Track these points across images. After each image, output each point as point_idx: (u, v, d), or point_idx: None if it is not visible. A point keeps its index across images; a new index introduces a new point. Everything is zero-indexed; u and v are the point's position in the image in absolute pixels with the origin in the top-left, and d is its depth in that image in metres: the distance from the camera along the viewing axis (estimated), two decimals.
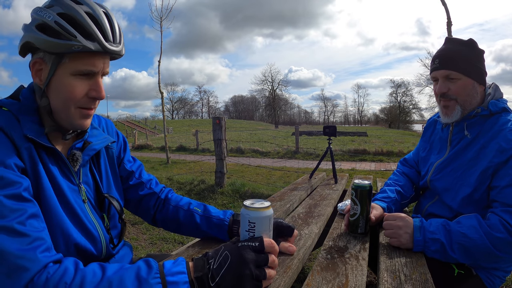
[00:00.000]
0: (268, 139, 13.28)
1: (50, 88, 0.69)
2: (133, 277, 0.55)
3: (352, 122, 69.58)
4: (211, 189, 4.41)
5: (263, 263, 0.63)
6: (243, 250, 0.62)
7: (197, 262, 0.61)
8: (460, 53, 1.07)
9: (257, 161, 8.40)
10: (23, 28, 0.69)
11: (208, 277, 0.59)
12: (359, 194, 1.01)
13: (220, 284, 0.58)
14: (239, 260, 0.60)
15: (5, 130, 0.64)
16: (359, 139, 14.10)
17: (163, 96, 8.61)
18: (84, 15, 0.66)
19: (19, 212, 0.57)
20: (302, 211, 1.30)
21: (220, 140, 4.35)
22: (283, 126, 50.62)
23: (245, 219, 0.67)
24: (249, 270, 0.60)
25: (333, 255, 0.88)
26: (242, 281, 0.59)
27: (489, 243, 0.89)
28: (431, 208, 1.20)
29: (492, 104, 1.05)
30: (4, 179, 0.58)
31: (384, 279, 0.77)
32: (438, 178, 1.16)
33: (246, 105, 73.69)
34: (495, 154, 0.98)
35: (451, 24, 4.24)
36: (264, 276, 0.62)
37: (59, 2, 0.67)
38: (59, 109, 0.70)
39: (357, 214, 1.02)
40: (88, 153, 0.78)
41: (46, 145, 0.68)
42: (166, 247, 2.69)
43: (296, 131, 10.42)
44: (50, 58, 0.67)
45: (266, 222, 0.67)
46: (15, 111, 0.68)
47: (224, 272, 0.59)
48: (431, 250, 0.93)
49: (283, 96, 70.70)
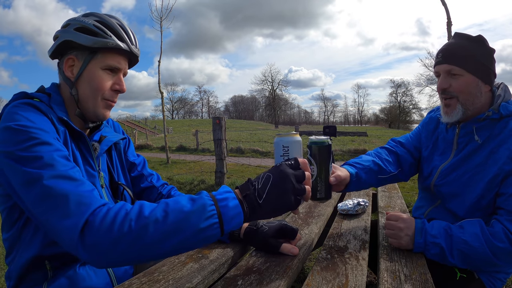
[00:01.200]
0: (268, 139, 13.27)
1: (80, 80, 0.81)
2: (186, 198, 0.61)
3: (352, 122, 69.60)
4: (211, 189, 4.39)
5: (301, 178, 0.66)
6: (282, 167, 0.66)
7: (242, 186, 0.65)
8: (465, 48, 0.99)
9: (257, 161, 8.40)
10: (58, 33, 0.82)
11: (255, 195, 0.63)
12: (316, 151, 0.86)
13: (267, 200, 0.62)
14: (281, 176, 0.64)
15: (47, 114, 0.74)
16: (359, 139, 14.10)
17: (163, 96, 8.61)
18: (115, 23, 0.83)
19: (70, 165, 0.67)
20: (302, 211, 1.30)
21: (220, 140, 4.35)
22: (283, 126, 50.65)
23: (279, 146, 0.74)
24: (291, 184, 0.64)
25: (333, 255, 0.88)
26: (286, 195, 0.63)
27: (489, 251, 0.87)
28: (433, 213, 1.17)
29: (503, 107, 0.98)
30: (54, 145, 0.68)
31: (384, 279, 0.77)
32: (443, 184, 1.10)
33: (246, 105, 73.71)
34: (505, 161, 0.93)
35: (451, 24, 4.24)
36: (304, 190, 0.66)
37: (94, 14, 0.84)
38: (87, 98, 0.82)
39: (314, 176, 0.86)
40: (106, 144, 0.90)
41: (76, 129, 0.79)
42: None
43: (296, 131, 10.40)
44: (83, 55, 0.81)
45: (297, 146, 0.75)
46: (46, 101, 0.79)
47: (269, 188, 0.63)
48: (430, 253, 0.91)
49: (283, 96, 70.79)
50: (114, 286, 0.83)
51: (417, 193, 1.42)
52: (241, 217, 0.61)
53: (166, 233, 0.57)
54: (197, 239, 0.59)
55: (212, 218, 0.59)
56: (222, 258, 0.82)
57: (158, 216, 0.57)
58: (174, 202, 0.60)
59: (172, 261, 0.79)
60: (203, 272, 0.74)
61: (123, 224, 0.56)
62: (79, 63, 0.81)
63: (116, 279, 0.84)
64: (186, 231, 0.57)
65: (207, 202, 0.59)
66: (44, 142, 0.66)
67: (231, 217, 0.60)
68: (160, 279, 0.69)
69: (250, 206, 0.62)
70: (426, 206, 1.21)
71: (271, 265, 0.78)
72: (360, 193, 1.69)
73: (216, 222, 0.59)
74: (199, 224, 0.58)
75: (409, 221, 0.94)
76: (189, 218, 0.58)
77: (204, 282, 0.72)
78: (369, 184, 1.14)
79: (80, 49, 0.80)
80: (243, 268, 0.77)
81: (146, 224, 0.56)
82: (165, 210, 0.58)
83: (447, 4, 4.29)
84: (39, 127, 0.69)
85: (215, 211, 0.59)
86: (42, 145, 0.66)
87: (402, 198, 1.61)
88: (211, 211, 0.59)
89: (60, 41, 0.81)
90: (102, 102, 0.83)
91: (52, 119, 0.74)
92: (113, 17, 0.85)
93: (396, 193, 1.71)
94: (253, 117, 70.31)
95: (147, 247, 0.57)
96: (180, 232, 0.57)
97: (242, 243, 0.91)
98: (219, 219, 0.59)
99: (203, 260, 0.80)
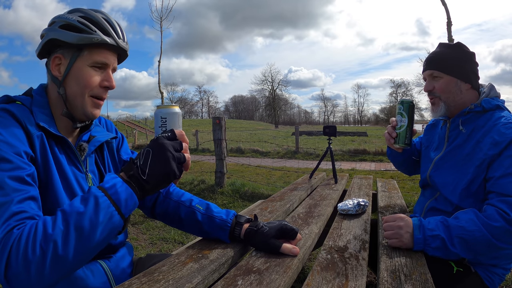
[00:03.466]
0: (268, 139, 13.27)
1: (68, 79, 0.79)
2: (79, 200, 0.62)
3: (352, 122, 69.58)
4: (211, 189, 4.41)
5: (179, 148, 0.70)
6: (159, 140, 0.68)
7: (125, 167, 0.68)
8: (444, 54, 1.17)
9: (257, 161, 8.40)
10: (44, 31, 0.80)
11: (139, 173, 0.66)
12: (407, 107, 1.17)
13: (151, 174, 0.66)
14: (159, 149, 0.67)
15: (20, 119, 0.72)
16: (359, 139, 14.10)
17: (163, 96, 8.63)
18: (100, 18, 0.81)
19: (20, 192, 0.63)
20: (302, 211, 1.30)
21: (220, 140, 4.35)
22: (283, 126, 50.63)
23: (158, 117, 0.75)
24: (170, 153, 0.67)
25: (333, 255, 0.88)
26: (168, 163, 0.66)
27: (488, 233, 0.91)
28: (432, 203, 1.23)
29: (485, 102, 1.11)
30: (12, 163, 0.65)
31: (384, 279, 0.77)
32: (437, 173, 1.21)
33: (246, 105, 73.69)
34: (489, 147, 1.03)
35: (451, 24, 4.24)
36: (184, 158, 0.69)
37: (79, 9, 0.81)
38: (75, 96, 0.80)
39: (405, 126, 1.17)
40: (94, 144, 0.87)
41: (56, 134, 0.76)
42: (166, 247, 2.69)
43: (296, 131, 10.42)
44: (70, 52, 0.79)
45: (175, 117, 0.76)
46: (28, 104, 0.77)
47: (150, 162, 0.66)
48: (431, 248, 0.93)
49: (283, 96, 70.73)
50: (112, 285, 0.82)
51: (417, 193, 1.47)
52: (134, 197, 0.65)
53: (75, 240, 0.58)
54: (106, 233, 0.61)
55: (108, 208, 0.61)
56: (222, 258, 0.81)
57: (62, 228, 0.58)
58: (69, 207, 0.61)
59: (172, 261, 0.79)
60: (203, 272, 0.73)
61: (35, 248, 0.56)
62: (66, 61, 0.79)
63: (114, 279, 0.84)
64: (92, 230, 0.59)
65: (97, 195, 0.62)
66: (2, 158, 0.64)
67: (125, 199, 0.63)
68: (160, 279, 0.69)
69: (137, 184, 0.66)
70: (426, 200, 1.28)
71: (271, 265, 0.78)
72: (360, 193, 1.69)
73: (114, 210, 0.62)
74: (98, 218, 0.60)
75: (407, 219, 0.99)
76: (87, 217, 0.59)
77: (204, 282, 0.72)
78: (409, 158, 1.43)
79: (66, 47, 0.78)
80: (243, 268, 0.77)
81: (55, 240, 0.57)
82: (64, 219, 0.59)
83: (447, 4, 4.28)
84: (5, 140, 0.67)
85: (108, 200, 0.62)
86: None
87: (402, 198, 1.61)
88: (104, 201, 0.61)
89: (46, 40, 0.79)
90: (89, 100, 0.81)
91: (27, 126, 0.72)
92: (98, 11, 0.83)
93: (396, 193, 1.71)
94: (253, 117, 70.28)
95: (64, 261, 0.57)
96: (87, 234, 0.59)
97: (242, 243, 0.91)
98: (114, 206, 0.62)
99: (203, 260, 0.80)
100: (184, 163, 0.70)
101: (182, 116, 0.78)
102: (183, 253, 0.85)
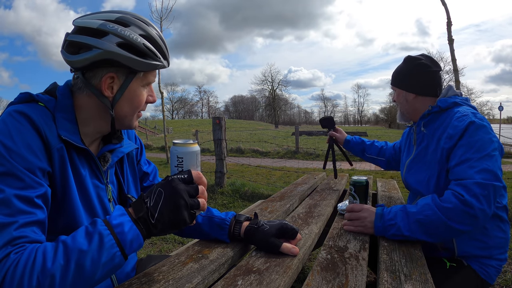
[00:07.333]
0: (268, 139, 13.27)
1: (120, 99, 0.74)
2: (83, 233, 0.59)
3: (352, 122, 69.62)
4: (211, 189, 4.40)
5: (194, 193, 0.65)
6: (174, 182, 0.64)
7: (135, 205, 0.63)
8: (397, 69, 1.33)
9: (257, 161, 8.40)
10: (93, 43, 0.68)
11: (148, 215, 0.61)
12: (358, 188, 1.20)
13: (159, 219, 0.61)
14: (172, 192, 0.62)
15: (39, 128, 0.65)
16: None
17: (163, 96, 8.62)
18: (157, 37, 0.74)
19: (26, 215, 0.59)
20: (302, 211, 1.30)
21: (220, 140, 4.35)
22: (283, 126, 50.64)
23: (174, 156, 0.70)
24: (183, 200, 0.63)
25: (333, 255, 0.88)
26: (179, 211, 0.62)
27: (442, 215, 0.96)
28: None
29: (441, 101, 1.20)
30: (23, 182, 0.61)
31: (384, 279, 0.77)
32: (409, 175, 1.31)
33: (246, 105, 73.68)
34: (445, 141, 1.11)
35: (451, 24, 4.23)
36: (197, 205, 0.65)
37: (135, 23, 0.71)
38: (125, 116, 0.76)
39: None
40: (117, 155, 0.82)
41: (79, 146, 0.71)
42: (166, 247, 2.69)
43: (296, 131, 10.41)
44: (124, 73, 0.72)
45: (192, 156, 0.71)
46: (51, 108, 0.70)
47: (161, 206, 0.62)
48: (389, 234, 1.02)
49: (283, 96, 70.77)
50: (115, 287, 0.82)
51: None
52: (140, 239, 0.61)
53: (73, 277, 0.55)
54: (104, 271, 0.58)
55: (112, 248, 0.58)
56: (222, 258, 0.81)
57: (62, 263, 0.55)
58: (72, 241, 0.57)
59: (172, 261, 0.79)
60: (203, 272, 0.73)
61: (31, 279, 0.54)
62: (119, 82, 0.72)
63: (117, 282, 0.84)
64: (92, 269, 0.56)
65: (103, 233, 0.58)
66: (12, 174, 0.60)
67: (130, 241, 0.60)
68: (160, 279, 0.69)
69: (145, 226, 0.61)
70: (410, 203, 1.34)
71: (271, 265, 0.78)
72: None
73: (117, 250, 0.58)
74: (101, 258, 0.57)
75: (371, 210, 1.09)
76: (90, 256, 0.56)
77: (204, 282, 0.72)
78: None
79: (121, 66, 0.70)
80: (243, 268, 0.77)
81: (53, 275, 0.54)
82: (65, 254, 0.56)
83: (447, 4, 4.27)
84: (18, 152, 0.61)
85: (113, 240, 0.58)
86: (8, 178, 0.59)
87: (402, 199, 1.61)
88: (109, 241, 0.58)
89: (101, 57, 0.68)
90: (135, 116, 0.79)
91: (47, 136, 0.66)
92: (150, 24, 0.75)
93: (396, 193, 1.71)
94: (253, 117, 70.25)
95: None
96: (86, 272, 0.56)
97: (242, 242, 0.91)
98: (119, 247, 0.58)
99: (203, 260, 0.80)
100: (199, 209, 0.66)
101: (200, 153, 0.73)
102: (183, 253, 0.85)
